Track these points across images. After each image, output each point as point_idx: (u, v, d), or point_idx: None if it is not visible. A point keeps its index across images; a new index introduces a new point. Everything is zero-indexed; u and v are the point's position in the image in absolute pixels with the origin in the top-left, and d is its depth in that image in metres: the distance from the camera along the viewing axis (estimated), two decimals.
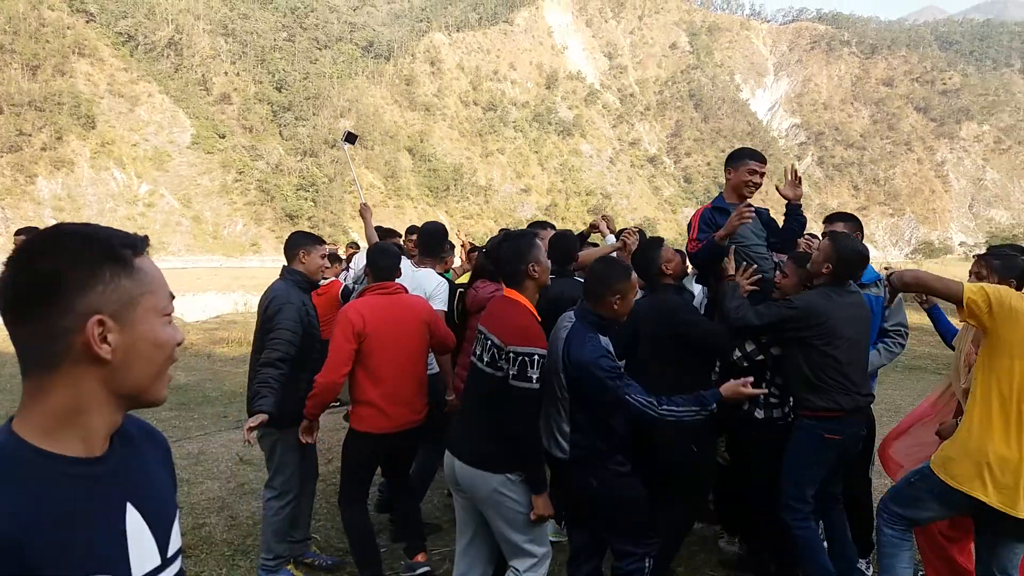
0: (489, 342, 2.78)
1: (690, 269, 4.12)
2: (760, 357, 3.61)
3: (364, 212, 5.17)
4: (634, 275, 3.01)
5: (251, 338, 3.95)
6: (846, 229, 3.95)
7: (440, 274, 4.54)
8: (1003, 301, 2.66)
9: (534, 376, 2.67)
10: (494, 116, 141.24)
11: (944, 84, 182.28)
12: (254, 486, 5.15)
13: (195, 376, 9.60)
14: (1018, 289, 3.22)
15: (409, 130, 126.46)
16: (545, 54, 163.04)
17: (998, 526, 2.71)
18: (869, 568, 4.01)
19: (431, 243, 4.59)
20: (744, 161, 3.87)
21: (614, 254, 4.06)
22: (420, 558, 3.83)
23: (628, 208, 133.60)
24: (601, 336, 2.87)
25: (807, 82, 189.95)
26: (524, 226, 4.86)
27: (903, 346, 4.10)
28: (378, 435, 3.51)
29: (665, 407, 2.75)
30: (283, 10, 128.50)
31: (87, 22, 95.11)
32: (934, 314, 4.25)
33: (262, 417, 3.40)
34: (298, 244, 3.84)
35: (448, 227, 5.59)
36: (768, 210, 4.08)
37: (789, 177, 3.95)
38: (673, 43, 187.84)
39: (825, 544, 3.57)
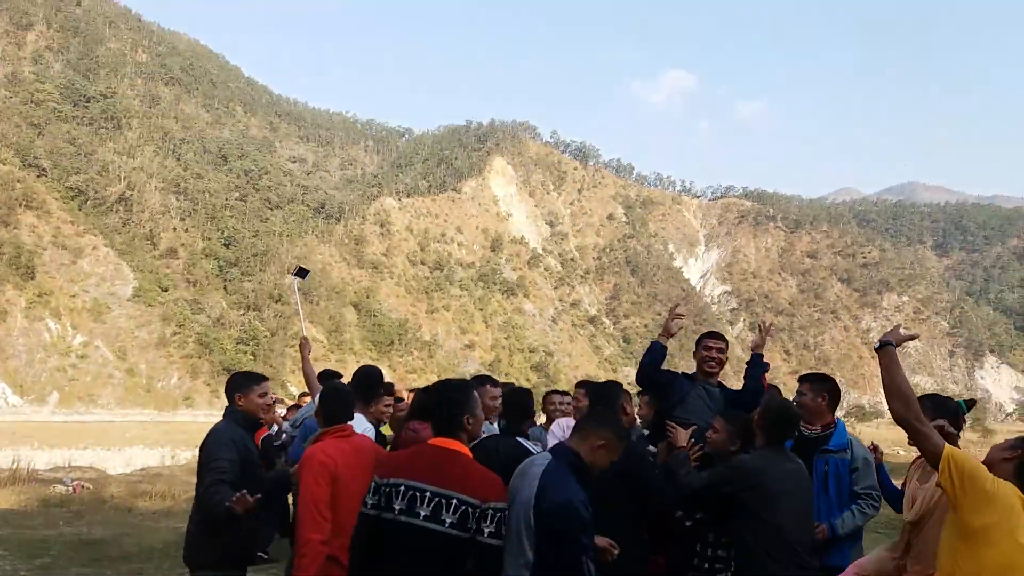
0: (455, 501, 2.51)
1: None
2: (699, 515, 3.62)
3: (303, 346, 5.03)
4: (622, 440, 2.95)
5: (176, 492, 4.03)
6: (810, 389, 4.15)
7: (372, 423, 4.29)
8: (975, 479, 2.38)
9: (502, 531, 2.56)
10: (440, 275, 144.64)
11: (864, 257, 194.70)
12: None
13: (112, 530, 9.35)
14: (956, 429, 3.32)
15: (356, 286, 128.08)
16: (490, 220, 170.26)
17: None
18: None
19: (364, 387, 4.19)
20: (703, 340, 4.44)
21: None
22: None
23: (570, 365, 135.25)
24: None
25: (736, 252, 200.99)
26: None
27: (876, 508, 4.07)
28: None
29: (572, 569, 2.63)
30: (237, 171, 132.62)
31: (38, 176, 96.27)
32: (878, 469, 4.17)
33: (240, 497, 3.23)
34: (237, 383, 3.78)
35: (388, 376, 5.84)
36: (724, 386, 4.35)
37: (761, 329, 4.44)
38: (610, 214, 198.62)
39: None
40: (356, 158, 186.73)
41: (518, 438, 3.68)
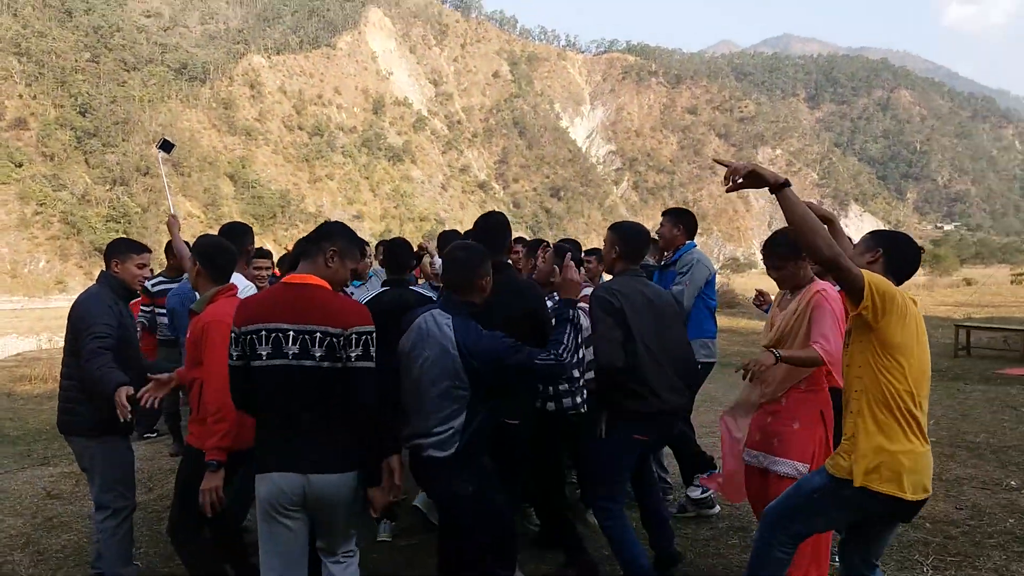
0: (318, 334, 2.55)
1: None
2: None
3: (172, 224, 4.86)
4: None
5: (57, 374, 3.69)
6: (668, 221, 4.66)
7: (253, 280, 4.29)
8: (892, 298, 2.47)
9: (374, 354, 2.61)
10: (321, 141, 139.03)
11: (741, 112, 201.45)
12: (64, 519, 4.78)
13: None
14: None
15: (229, 155, 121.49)
16: (370, 79, 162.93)
17: (895, 517, 2.66)
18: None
19: (233, 241, 3.84)
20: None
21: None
22: None
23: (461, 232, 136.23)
24: None
25: (620, 111, 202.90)
26: None
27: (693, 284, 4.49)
28: (245, 452, 2.99)
29: (561, 350, 2.78)
30: (84, 29, 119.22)
31: None
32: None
33: (127, 390, 3.08)
34: (116, 248, 3.59)
35: (275, 253, 5.83)
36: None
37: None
38: (495, 71, 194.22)
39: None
40: (217, 11, 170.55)
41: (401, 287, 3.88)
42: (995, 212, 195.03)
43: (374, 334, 2.62)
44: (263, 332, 2.56)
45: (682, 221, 4.71)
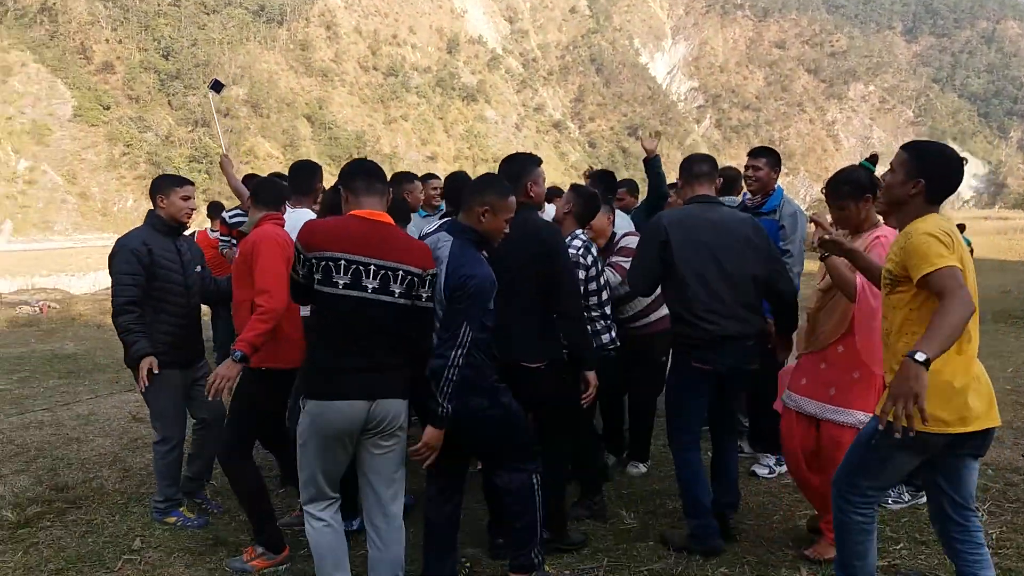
0: (401, 272, 2.65)
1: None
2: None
3: (225, 164, 5.12)
4: (511, 198, 2.96)
5: None
6: (767, 164, 4.46)
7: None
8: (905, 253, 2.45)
9: (433, 293, 2.79)
10: (395, 81, 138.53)
11: (832, 46, 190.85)
12: (147, 441, 5.11)
13: (85, 345, 9.52)
14: (875, 195, 3.15)
15: (307, 97, 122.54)
16: (445, 18, 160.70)
17: (956, 450, 2.52)
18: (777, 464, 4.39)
19: (302, 180, 4.20)
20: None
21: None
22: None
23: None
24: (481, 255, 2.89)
25: (703, 45, 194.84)
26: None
27: (799, 264, 4.41)
28: (295, 370, 3.17)
29: (448, 352, 2.72)
30: None
31: None
32: None
33: (150, 361, 3.43)
34: (158, 185, 3.77)
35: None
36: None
37: (651, 134, 4.83)
38: (573, 7, 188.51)
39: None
40: None
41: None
42: None
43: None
44: (342, 262, 2.61)
45: (778, 164, 4.57)
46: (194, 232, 7.20)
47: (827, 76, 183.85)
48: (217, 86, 5.63)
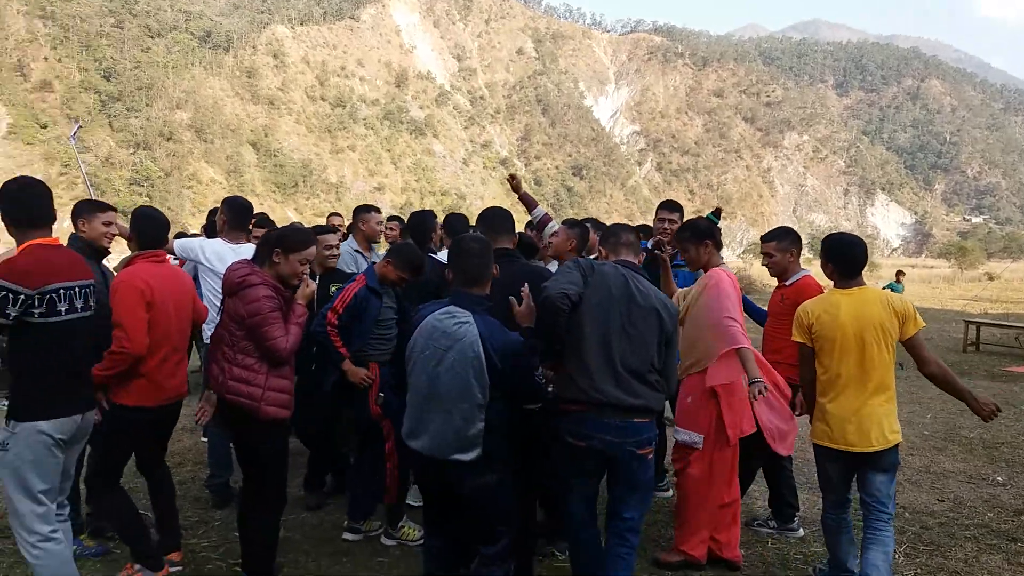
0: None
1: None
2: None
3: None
4: None
5: None
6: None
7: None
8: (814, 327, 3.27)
9: None
10: (343, 112, 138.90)
11: (768, 96, 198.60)
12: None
13: None
14: (717, 245, 3.73)
15: (252, 124, 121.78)
16: (394, 52, 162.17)
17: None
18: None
19: (241, 216, 4.47)
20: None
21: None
22: (175, 556, 3.58)
23: (482, 208, 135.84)
24: None
25: (645, 91, 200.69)
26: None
27: None
28: (154, 408, 3.33)
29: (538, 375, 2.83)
30: None
31: None
32: (746, 304, 4.35)
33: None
34: (78, 211, 3.70)
35: (302, 223, 5.93)
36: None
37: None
38: (520, 48, 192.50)
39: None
40: None
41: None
42: None
43: None
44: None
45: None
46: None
47: (763, 125, 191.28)
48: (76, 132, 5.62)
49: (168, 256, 3.73)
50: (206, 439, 5.02)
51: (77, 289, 2.88)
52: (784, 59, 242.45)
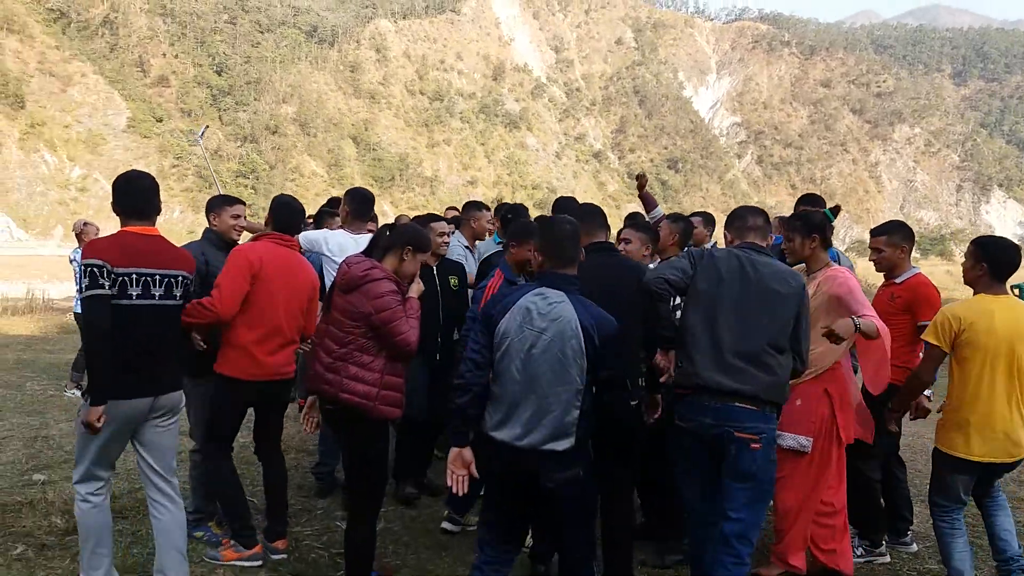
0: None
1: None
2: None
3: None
4: None
5: None
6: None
7: None
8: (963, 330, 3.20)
9: None
10: (440, 106, 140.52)
11: (879, 87, 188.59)
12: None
13: None
14: (825, 243, 3.57)
15: (353, 118, 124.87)
16: (492, 45, 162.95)
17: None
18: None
19: (364, 207, 4.72)
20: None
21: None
22: (280, 544, 3.69)
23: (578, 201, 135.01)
24: None
25: (748, 81, 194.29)
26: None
27: None
28: (248, 382, 3.46)
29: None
30: None
31: None
32: None
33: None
34: (210, 206, 3.98)
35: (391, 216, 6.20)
36: None
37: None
38: (619, 38, 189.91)
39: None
40: None
41: None
42: None
43: None
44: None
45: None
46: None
47: (872, 116, 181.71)
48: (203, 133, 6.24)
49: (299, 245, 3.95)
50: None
51: (158, 277, 3.02)
52: (898, 47, 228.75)
